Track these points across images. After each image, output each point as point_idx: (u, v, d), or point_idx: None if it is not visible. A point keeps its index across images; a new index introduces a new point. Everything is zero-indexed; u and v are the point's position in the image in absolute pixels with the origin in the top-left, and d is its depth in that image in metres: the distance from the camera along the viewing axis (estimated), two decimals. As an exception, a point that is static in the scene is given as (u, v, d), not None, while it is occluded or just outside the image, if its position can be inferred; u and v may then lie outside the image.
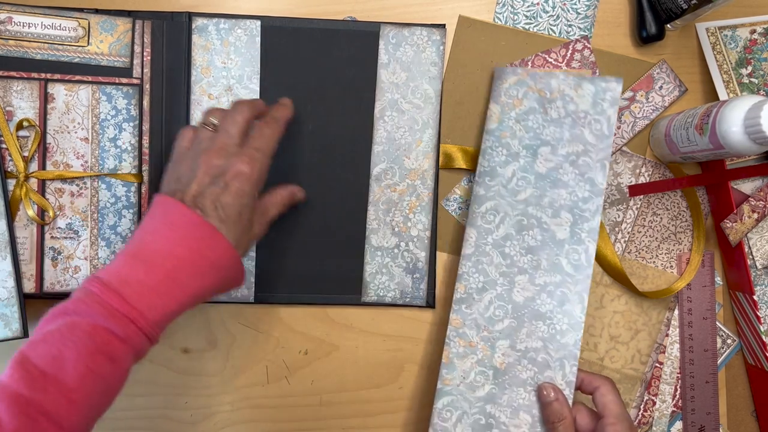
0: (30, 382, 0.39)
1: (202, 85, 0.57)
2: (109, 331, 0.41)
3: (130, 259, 0.43)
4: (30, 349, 0.40)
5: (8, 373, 0.39)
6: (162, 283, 0.43)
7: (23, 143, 0.53)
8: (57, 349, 0.40)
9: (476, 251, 0.55)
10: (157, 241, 0.44)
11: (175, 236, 0.44)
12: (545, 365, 0.53)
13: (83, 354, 0.40)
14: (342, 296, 0.58)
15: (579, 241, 0.55)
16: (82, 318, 0.41)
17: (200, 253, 0.44)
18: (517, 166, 0.56)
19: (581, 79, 0.57)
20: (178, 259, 0.43)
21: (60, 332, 0.40)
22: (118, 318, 0.41)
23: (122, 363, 0.42)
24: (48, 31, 0.53)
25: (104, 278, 0.42)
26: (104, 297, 0.41)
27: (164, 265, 0.43)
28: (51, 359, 0.39)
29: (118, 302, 0.41)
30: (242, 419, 0.58)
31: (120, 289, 0.42)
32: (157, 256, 0.43)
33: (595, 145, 0.56)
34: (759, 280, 0.58)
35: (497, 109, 0.57)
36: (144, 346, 0.43)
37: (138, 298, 0.42)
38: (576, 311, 0.54)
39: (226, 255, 0.45)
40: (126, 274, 0.42)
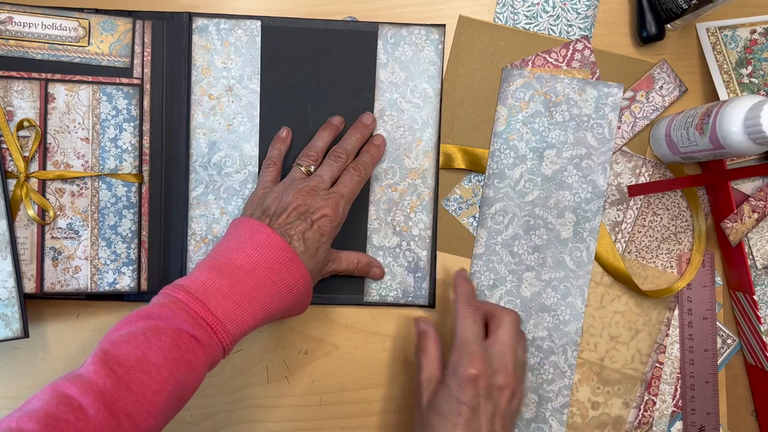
0: (116, 380, 0.39)
1: (202, 85, 0.57)
2: (193, 339, 0.42)
3: (214, 273, 0.45)
4: (114, 348, 0.41)
5: (93, 369, 0.40)
6: (244, 299, 0.45)
7: (24, 143, 0.53)
8: (142, 352, 0.41)
9: (486, 251, 0.59)
10: (242, 258, 0.46)
11: (260, 257, 0.46)
12: (550, 351, 0.59)
13: (168, 359, 0.41)
14: (344, 296, 0.58)
15: (581, 239, 0.59)
16: (167, 323, 0.42)
17: (280, 276, 0.47)
18: (524, 169, 0.59)
19: (585, 83, 0.58)
20: (260, 278, 0.46)
21: (144, 335, 0.41)
22: (204, 327, 0.43)
23: (200, 371, 0.43)
24: (48, 31, 0.53)
25: (190, 288, 0.44)
26: (191, 305, 0.43)
27: (247, 282, 0.45)
28: (136, 361, 0.40)
29: (204, 312, 0.43)
30: (242, 419, 0.58)
31: (205, 300, 0.43)
32: (241, 273, 0.45)
33: (597, 149, 0.59)
34: (759, 280, 0.59)
35: (504, 111, 0.58)
36: (218, 357, 0.45)
37: (222, 310, 0.44)
38: (577, 303, 0.59)
39: (303, 281, 0.48)
40: (210, 286, 0.44)
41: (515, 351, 0.49)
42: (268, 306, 0.46)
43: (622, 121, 0.60)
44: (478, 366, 0.46)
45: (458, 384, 0.46)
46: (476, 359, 0.46)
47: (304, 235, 0.49)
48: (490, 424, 0.46)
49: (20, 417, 0.37)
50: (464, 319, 0.49)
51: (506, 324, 0.49)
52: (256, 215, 0.51)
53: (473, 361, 0.46)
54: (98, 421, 0.38)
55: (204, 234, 0.57)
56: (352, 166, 0.54)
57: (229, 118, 0.57)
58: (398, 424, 0.59)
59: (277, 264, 0.47)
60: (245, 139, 0.57)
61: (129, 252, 0.55)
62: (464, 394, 0.46)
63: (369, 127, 0.57)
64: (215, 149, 0.57)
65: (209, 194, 0.57)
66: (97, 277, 0.54)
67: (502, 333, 0.49)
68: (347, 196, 0.52)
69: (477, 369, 0.46)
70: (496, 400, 0.47)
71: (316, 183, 0.51)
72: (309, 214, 0.49)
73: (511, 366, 0.48)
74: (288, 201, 0.50)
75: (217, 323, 0.43)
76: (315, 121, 0.58)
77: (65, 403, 0.38)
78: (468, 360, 0.46)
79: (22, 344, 0.57)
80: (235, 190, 0.57)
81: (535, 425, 0.59)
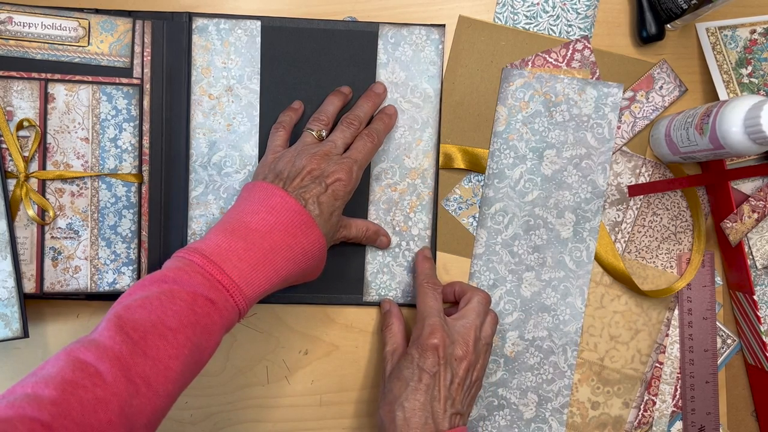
0: (132, 346, 0.39)
1: (202, 85, 0.57)
2: (209, 302, 0.42)
3: (229, 236, 0.45)
4: (128, 313, 0.40)
5: (107, 334, 0.39)
6: (260, 262, 0.44)
7: (23, 143, 0.53)
8: (157, 316, 0.40)
9: (487, 251, 0.59)
10: (257, 221, 0.46)
11: (275, 220, 0.46)
12: (550, 351, 0.59)
13: (184, 323, 0.41)
14: (344, 296, 0.58)
15: (581, 239, 0.59)
16: (182, 287, 0.42)
17: (296, 239, 0.46)
18: (524, 169, 0.59)
19: (585, 83, 0.58)
20: (275, 241, 0.45)
21: (159, 300, 0.41)
22: (219, 290, 0.42)
23: (216, 335, 0.43)
24: (48, 31, 0.53)
25: (205, 250, 0.44)
26: (207, 268, 0.43)
27: (262, 245, 0.45)
28: (151, 326, 0.40)
29: (219, 275, 0.43)
30: (242, 419, 0.58)
31: (221, 262, 0.43)
32: (256, 235, 0.45)
33: (597, 149, 0.59)
34: (759, 280, 0.59)
35: (504, 111, 0.58)
36: (234, 320, 0.44)
37: (238, 273, 0.43)
38: (577, 303, 0.59)
39: (318, 245, 0.48)
40: (226, 249, 0.44)
41: (477, 328, 0.51)
42: (284, 269, 0.46)
43: (622, 121, 0.60)
44: (438, 336, 0.49)
45: (420, 352, 0.49)
46: (437, 329, 0.49)
47: (318, 199, 0.48)
48: (447, 390, 0.48)
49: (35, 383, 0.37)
50: (424, 295, 0.52)
51: (474, 303, 0.52)
52: (269, 179, 0.50)
53: (434, 331, 0.49)
54: (116, 387, 0.37)
55: (204, 234, 0.57)
56: (365, 132, 0.53)
57: (229, 118, 0.57)
58: (398, 424, 0.59)
59: (292, 227, 0.46)
60: (245, 139, 0.57)
61: (129, 252, 0.55)
62: (425, 362, 0.48)
63: (380, 96, 0.56)
64: (215, 149, 0.57)
65: (209, 194, 0.57)
66: (97, 277, 0.54)
67: (468, 310, 0.52)
68: (360, 161, 0.51)
69: (438, 339, 0.49)
70: (454, 369, 0.49)
71: (329, 148, 0.51)
72: (323, 178, 0.49)
73: (471, 340, 0.50)
74: (302, 165, 0.50)
75: (233, 286, 0.43)
76: (315, 121, 0.58)
77: (81, 369, 0.37)
78: (429, 331, 0.49)
79: (22, 344, 0.57)
80: (235, 190, 0.57)
81: (535, 425, 0.59)
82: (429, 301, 0.52)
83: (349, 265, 0.58)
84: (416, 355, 0.49)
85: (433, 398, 0.48)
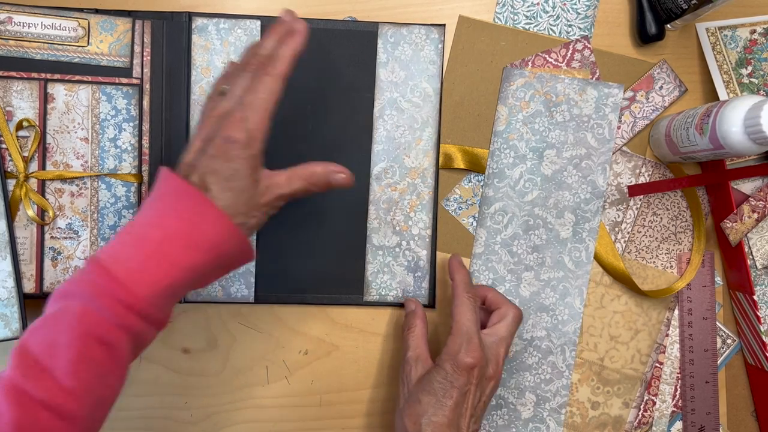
0: (25, 369, 0.37)
1: (202, 85, 0.57)
2: (97, 313, 0.38)
3: (122, 235, 0.41)
4: (29, 336, 0.39)
5: (9, 362, 0.38)
6: (151, 257, 0.40)
7: (23, 143, 0.53)
8: (52, 335, 0.38)
9: (486, 250, 0.59)
10: (147, 214, 0.42)
11: (164, 206, 0.41)
12: (548, 351, 0.59)
13: (74, 338, 0.38)
14: (344, 296, 0.58)
15: (580, 239, 0.59)
16: (75, 300, 0.39)
17: (191, 223, 0.40)
18: (524, 168, 0.59)
19: (585, 83, 0.58)
20: (167, 230, 0.40)
21: (55, 317, 0.39)
22: (105, 297, 0.39)
23: (118, 346, 0.39)
24: (48, 31, 0.53)
25: (99, 256, 0.40)
26: (93, 276, 0.39)
27: (152, 238, 0.40)
28: (46, 346, 0.38)
29: (104, 280, 0.39)
30: (242, 419, 0.58)
31: (110, 265, 0.39)
32: (146, 228, 0.41)
33: (597, 149, 0.59)
34: (759, 280, 0.59)
35: (505, 111, 0.58)
36: (139, 326, 0.40)
37: (126, 274, 0.39)
38: (576, 303, 0.59)
39: (219, 224, 0.41)
40: (117, 250, 0.40)
41: (508, 346, 0.50)
42: (185, 260, 0.40)
43: (622, 121, 0.60)
44: (476, 356, 0.47)
45: (454, 369, 0.47)
46: (475, 349, 0.48)
47: (209, 168, 0.42)
48: (473, 408, 0.48)
49: None
50: (463, 306, 0.50)
51: (509, 320, 0.51)
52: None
53: (472, 350, 0.48)
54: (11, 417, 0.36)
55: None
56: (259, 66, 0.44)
57: (229, 118, 0.57)
58: (398, 424, 0.59)
59: (184, 211, 0.41)
60: (245, 139, 0.57)
61: (129, 252, 0.55)
62: (458, 380, 0.47)
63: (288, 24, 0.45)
64: (215, 149, 0.57)
65: (209, 194, 0.57)
66: (97, 277, 0.54)
67: (502, 327, 0.50)
68: (257, 105, 0.43)
69: (475, 359, 0.47)
70: (483, 388, 0.48)
71: (224, 105, 0.43)
72: (211, 141, 0.42)
73: (501, 360, 0.49)
74: (195, 135, 0.44)
75: (119, 290, 0.39)
76: (315, 121, 0.58)
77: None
78: (467, 349, 0.48)
79: (22, 344, 0.57)
80: (235, 190, 0.57)
81: (532, 425, 0.59)
82: (468, 314, 0.49)
83: (349, 265, 0.58)
84: (449, 370, 0.47)
85: (459, 415, 0.47)
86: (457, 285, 0.51)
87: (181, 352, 0.58)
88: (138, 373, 0.58)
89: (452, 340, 0.49)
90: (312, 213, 0.58)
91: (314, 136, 0.58)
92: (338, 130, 0.58)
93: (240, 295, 0.58)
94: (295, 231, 0.58)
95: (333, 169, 0.47)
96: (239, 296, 0.58)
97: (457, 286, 0.51)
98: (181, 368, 0.58)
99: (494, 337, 0.50)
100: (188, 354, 0.58)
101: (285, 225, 0.58)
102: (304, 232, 0.58)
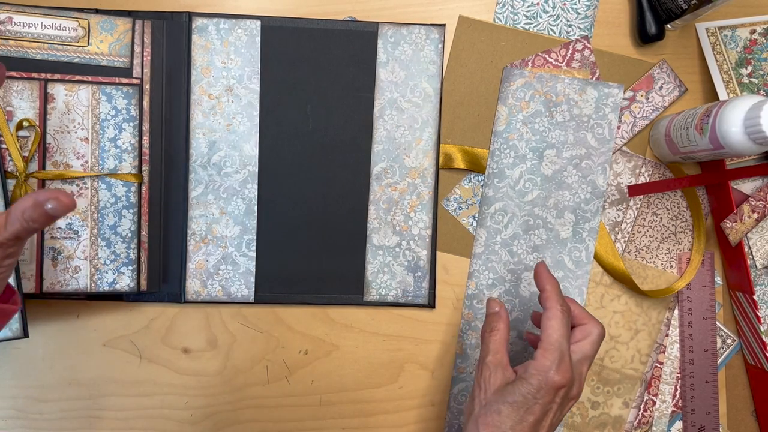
0: None
1: (202, 85, 0.57)
2: None
3: None
4: None
5: None
6: None
7: (23, 143, 0.53)
8: None
9: (486, 250, 0.59)
10: None
11: None
12: None
13: None
14: (344, 296, 0.58)
15: (580, 239, 0.59)
16: None
17: None
18: (524, 168, 0.59)
19: (585, 83, 0.58)
20: None
21: None
22: None
23: None
24: (48, 31, 0.53)
25: None
26: None
27: None
28: None
29: None
30: (242, 419, 0.58)
31: None
32: None
33: (597, 149, 0.59)
34: (759, 280, 0.59)
35: (505, 110, 0.58)
36: None
37: None
38: None
39: None
40: None
41: (590, 365, 0.49)
42: None
43: (622, 121, 0.60)
44: (567, 376, 0.46)
45: (542, 386, 0.46)
46: (566, 369, 0.46)
47: None
48: (550, 425, 0.46)
49: None
50: (555, 319, 0.47)
51: (594, 338, 0.49)
52: None
53: (563, 369, 0.46)
54: None
55: (204, 234, 0.57)
56: None
57: (229, 117, 0.57)
58: (398, 424, 0.59)
59: None
60: (245, 139, 0.57)
61: (128, 252, 0.55)
62: (543, 397, 0.45)
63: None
64: (215, 149, 0.57)
65: (209, 194, 0.57)
66: (97, 277, 0.54)
67: (587, 345, 0.48)
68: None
69: (565, 379, 0.46)
70: (563, 408, 0.47)
71: None
72: None
73: (584, 379, 0.48)
74: None
75: None
76: (315, 121, 0.58)
77: None
78: (558, 367, 0.46)
79: (22, 344, 0.57)
80: (235, 190, 0.57)
81: None
82: (561, 329, 0.47)
83: (349, 265, 0.58)
84: (536, 385, 0.46)
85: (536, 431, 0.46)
86: (549, 296, 0.49)
87: (181, 352, 0.58)
88: (138, 373, 0.58)
89: (543, 354, 0.47)
90: (312, 213, 0.58)
91: (314, 136, 0.58)
92: (338, 130, 0.58)
93: (240, 295, 0.58)
94: (295, 231, 0.58)
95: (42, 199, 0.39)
96: (239, 296, 0.58)
97: (549, 297, 0.49)
98: (181, 368, 0.58)
99: (579, 354, 0.48)
100: (188, 354, 0.58)
101: (285, 225, 0.58)
102: (304, 232, 0.58)
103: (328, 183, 0.58)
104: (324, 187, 0.58)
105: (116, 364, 0.58)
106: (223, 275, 0.57)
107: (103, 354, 0.58)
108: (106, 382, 0.58)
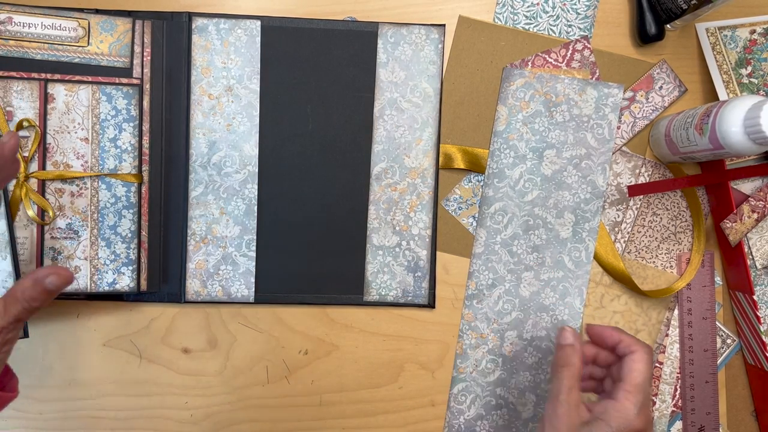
0: None
1: (202, 85, 0.57)
2: None
3: None
4: None
5: None
6: None
7: (23, 143, 0.53)
8: None
9: (486, 250, 0.59)
10: None
11: None
12: (548, 351, 0.59)
13: None
14: (344, 296, 0.58)
15: (580, 239, 0.59)
16: None
17: None
18: (524, 168, 0.59)
19: (585, 83, 0.58)
20: None
21: None
22: None
23: None
24: (48, 31, 0.53)
25: None
26: None
27: None
28: None
29: None
30: (242, 419, 0.58)
31: None
32: None
33: (597, 149, 0.59)
34: (759, 280, 0.59)
35: (505, 111, 0.58)
36: None
37: None
38: (576, 303, 0.59)
39: None
40: None
41: None
42: None
43: (622, 121, 0.60)
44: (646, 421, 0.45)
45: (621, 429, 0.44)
46: (647, 414, 0.45)
47: None
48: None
49: None
50: (644, 363, 0.46)
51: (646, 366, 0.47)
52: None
53: (644, 414, 0.45)
54: None
55: (203, 234, 0.57)
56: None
57: (229, 118, 0.57)
58: (398, 424, 0.59)
59: None
60: (245, 139, 0.57)
61: (128, 252, 0.55)
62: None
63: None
64: (215, 149, 0.57)
65: (209, 194, 0.57)
66: (97, 277, 0.54)
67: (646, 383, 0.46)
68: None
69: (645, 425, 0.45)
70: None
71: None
72: None
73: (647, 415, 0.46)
74: None
75: None
76: (315, 121, 0.58)
77: None
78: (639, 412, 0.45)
79: (22, 344, 0.57)
80: (235, 190, 0.57)
81: (532, 425, 0.59)
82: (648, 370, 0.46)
83: (349, 265, 0.58)
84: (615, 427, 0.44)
85: None
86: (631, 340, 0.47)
87: (181, 352, 0.58)
88: (138, 373, 0.58)
89: (626, 396, 0.45)
90: (312, 213, 0.58)
91: (314, 136, 0.58)
92: (338, 130, 0.58)
93: (240, 295, 0.58)
94: (295, 231, 0.58)
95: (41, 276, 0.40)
96: (239, 296, 0.58)
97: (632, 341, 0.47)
98: (181, 368, 0.58)
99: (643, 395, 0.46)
100: (188, 354, 0.58)
101: (285, 225, 0.58)
102: (303, 232, 0.58)
103: (328, 183, 0.58)
104: (324, 187, 0.58)
105: (116, 364, 0.58)
106: (223, 275, 0.57)
107: (103, 354, 0.58)
108: (106, 382, 0.58)
